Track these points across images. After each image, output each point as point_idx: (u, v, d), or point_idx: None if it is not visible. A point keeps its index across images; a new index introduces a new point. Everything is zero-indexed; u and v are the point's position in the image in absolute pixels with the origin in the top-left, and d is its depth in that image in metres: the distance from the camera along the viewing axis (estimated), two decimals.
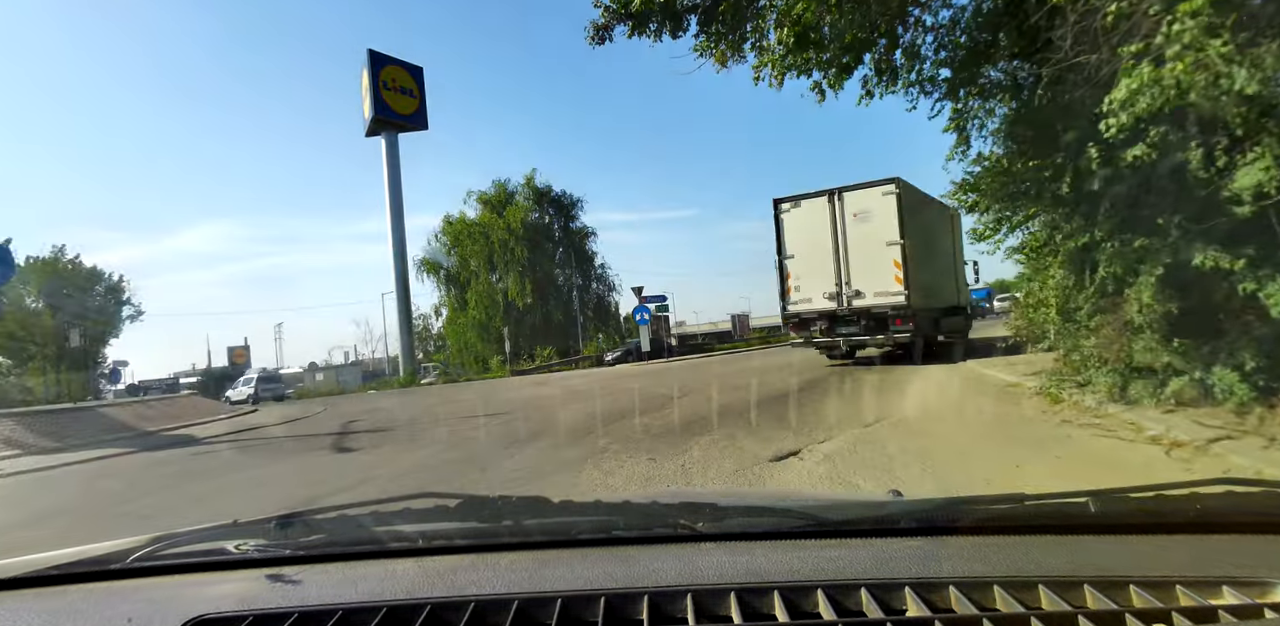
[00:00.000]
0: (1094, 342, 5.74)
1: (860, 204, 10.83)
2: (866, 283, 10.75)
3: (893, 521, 0.95)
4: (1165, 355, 4.83)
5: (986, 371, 8.99)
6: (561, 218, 41.36)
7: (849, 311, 10.93)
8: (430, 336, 47.67)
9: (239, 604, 0.81)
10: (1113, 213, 4.94)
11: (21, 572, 0.96)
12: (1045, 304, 7.04)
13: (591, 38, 6.93)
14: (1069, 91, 5.04)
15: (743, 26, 6.67)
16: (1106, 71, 4.32)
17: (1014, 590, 0.73)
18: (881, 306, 10.59)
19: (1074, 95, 4.96)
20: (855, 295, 10.87)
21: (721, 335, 46.82)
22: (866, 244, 10.69)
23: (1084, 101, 4.81)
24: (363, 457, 6.96)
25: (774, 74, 6.58)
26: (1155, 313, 4.69)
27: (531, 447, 6.19)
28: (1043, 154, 5.80)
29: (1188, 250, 4.24)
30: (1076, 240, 5.51)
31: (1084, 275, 5.70)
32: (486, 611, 0.76)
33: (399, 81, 33.38)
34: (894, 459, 4.43)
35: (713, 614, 0.74)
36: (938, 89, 6.77)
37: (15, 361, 31.04)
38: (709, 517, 0.98)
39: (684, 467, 4.64)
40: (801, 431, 5.53)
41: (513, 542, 0.97)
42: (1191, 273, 4.32)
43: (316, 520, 1.07)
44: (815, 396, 7.93)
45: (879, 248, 10.53)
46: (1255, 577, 0.73)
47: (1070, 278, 6.01)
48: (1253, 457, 3.61)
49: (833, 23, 5.95)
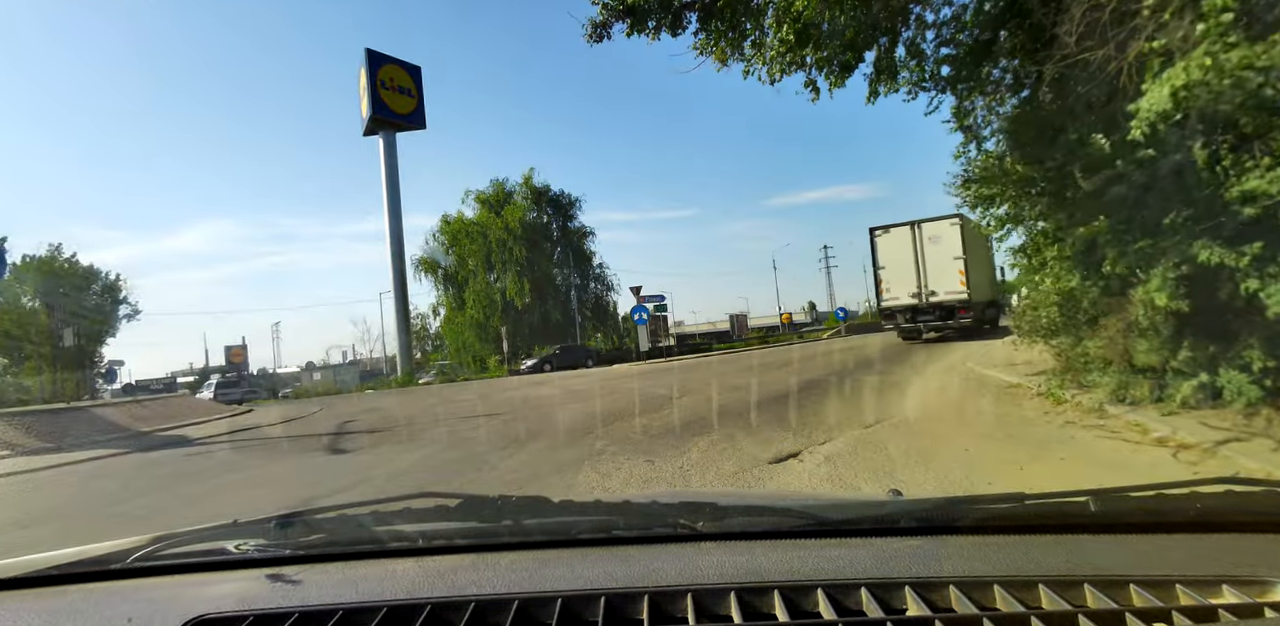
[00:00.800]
0: (1097, 343, 5.69)
1: (933, 231, 15.69)
2: (939, 285, 15.68)
3: (893, 521, 0.95)
4: (1170, 356, 4.77)
5: (988, 372, 8.99)
6: (560, 217, 41.37)
7: (927, 305, 15.89)
8: (428, 336, 47.63)
9: (239, 604, 0.81)
10: (1118, 210, 4.89)
11: (21, 572, 0.96)
12: (1048, 303, 7.03)
13: (590, 35, 6.83)
14: (1075, 88, 5.00)
15: (742, 24, 6.60)
16: (1114, 68, 4.27)
17: (1014, 589, 0.73)
18: (950, 301, 15.54)
19: (1079, 92, 4.92)
20: (931, 294, 15.80)
21: (720, 335, 46.88)
22: (939, 258, 15.64)
23: (1090, 98, 4.76)
24: (360, 458, 6.96)
25: (770, 71, 6.51)
26: (1161, 312, 4.63)
27: (529, 449, 6.19)
28: (1047, 151, 5.73)
29: (1193, 248, 4.19)
30: (1081, 239, 5.45)
31: (1088, 274, 5.66)
32: (486, 611, 0.76)
33: (397, 81, 33.36)
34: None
35: (713, 613, 0.74)
36: (938, 86, 6.71)
37: (11, 360, 30.92)
38: (709, 517, 0.98)
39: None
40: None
41: (513, 542, 0.97)
42: (1198, 272, 4.28)
43: (316, 520, 1.07)
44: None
45: (948, 261, 15.51)
46: (1255, 576, 0.73)
47: (1074, 277, 5.98)
48: (1262, 460, 3.58)
49: (833, 19, 5.90)
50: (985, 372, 9.04)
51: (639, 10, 6.54)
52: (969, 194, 7.31)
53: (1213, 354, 4.54)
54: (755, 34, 6.63)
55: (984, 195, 7.12)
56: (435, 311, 42.84)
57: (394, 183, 33.72)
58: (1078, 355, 6.42)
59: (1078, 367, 6.43)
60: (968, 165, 7.28)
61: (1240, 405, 4.27)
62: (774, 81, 6.60)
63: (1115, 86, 4.31)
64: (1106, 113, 4.62)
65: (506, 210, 39.12)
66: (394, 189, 33.71)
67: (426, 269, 40.25)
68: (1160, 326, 4.79)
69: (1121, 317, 5.19)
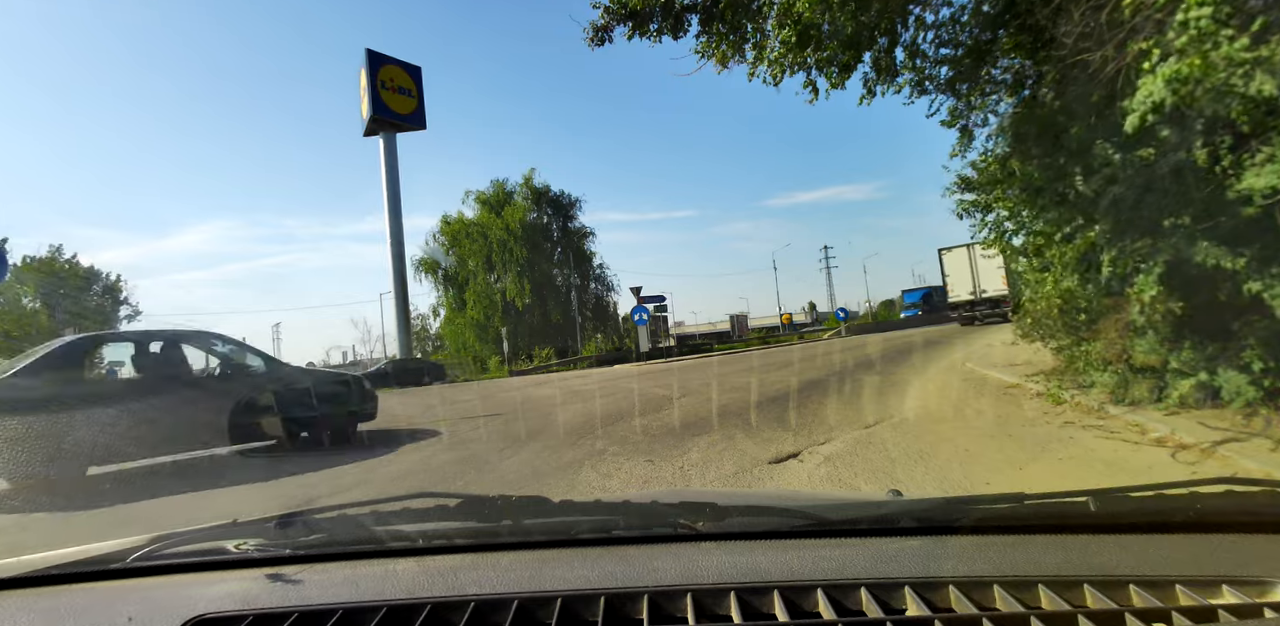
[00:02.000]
0: (1097, 344, 5.68)
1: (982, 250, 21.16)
2: (988, 285, 22.93)
3: (892, 521, 0.95)
4: (1169, 356, 4.77)
5: (988, 372, 9.00)
6: (560, 217, 41.39)
7: (979, 300, 23.38)
8: (429, 336, 47.67)
9: (239, 603, 0.81)
10: (1116, 211, 4.89)
11: (21, 572, 0.96)
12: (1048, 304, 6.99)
13: (591, 39, 6.80)
14: (1075, 89, 4.99)
15: (743, 26, 6.58)
16: (1112, 69, 4.26)
17: (1014, 589, 0.73)
18: (996, 297, 22.64)
19: (1079, 92, 4.92)
20: (982, 292, 23.21)
21: (720, 335, 46.87)
22: (987, 266, 21.92)
23: (1089, 99, 4.75)
24: (358, 458, 6.94)
25: (771, 73, 6.48)
26: (1158, 312, 4.64)
27: (530, 448, 6.19)
28: (1046, 153, 5.73)
29: (1190, 248, 4.18)
30: (1082, 240, 5.45)
31: (1088, 275, 5.66)
32: (486, 611, 0.76)
33: (397, 81, 33.37)
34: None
35: (713, 613, 0.74)
36: (937, 87, 6.70)
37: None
38: (709, 517, 0.98)
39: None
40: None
41: (513, 542, 0.97)
42: (1196, 272, 4.27)
43: (316, 520, 1.07)
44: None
45: (993, 269, 21.35)
46: (1255, 577, 0.73)
47: (1074, 278, 5.98)
48: (1260, 460, 3.58)
49: (833, 20, 5.88)
50: (985, 373, 9.05)
51: (640, 13, 6.51)
52: (965, 203, 7.31)
53: (1210, 354, 4.53)
54: (756, 36, 6.61)
55: (978, 203, 7.13)
56: (436, 312, 42.92)
57: (394, 183, 33.73)
58: (1077, 356, 6.41)
59: (1078, 368, 6.43)
60: (965, 167, 7.29)
61: (1239, 405, 4.27)
62: (776, 83, 6.59)
63: (1115, 88, 4.29)
64: (1106, 114, 4.61)
65: (507, 211, 39.13)
66: (394, 189, 33.71)
67: (427, 269, 40.27)
68: (1158, 326, 4.78)
69: (1120, 318, 5.19)
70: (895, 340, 20.64)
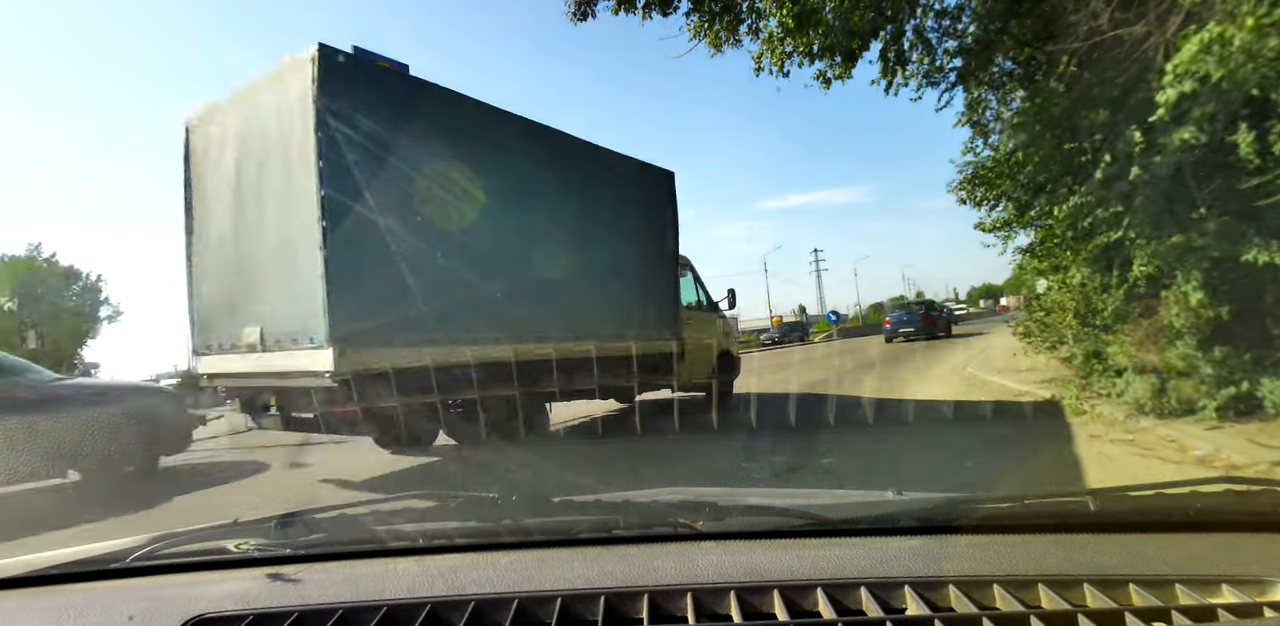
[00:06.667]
0: (1120, 349, 5.29)
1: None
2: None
3: (892, 520, 0.95)
4: (1206, 364, 4.38)
5: (991, 378, 8.86)
6: None
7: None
8: None
9: (239, 603, 0.81)
10: (1148, 204, 4.43)
11: (21, 572, 0.96)
12: (1062, 307, 6.62)
13: (573, 13, 6.37)
14: (1094, 74, 4.69)
15: (738, 5, 6.22)
16: (1153, 42, 3.95)
17: (1014, 589, 0.73)
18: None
19: (1101, 77, 4.63)
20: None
21: None
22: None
23: (1114, 82, 4.45)
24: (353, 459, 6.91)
25: (773, 61, 6.18)
26: (1203, 318, 4.25)
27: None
28: (1063, 141, 5.32)
29: (1234, 245, 3.83)
30: (1105, 236, 4.94)
31: (1111, 275, 5.22)
32: (486, 610, 0.76)
33: None
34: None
35: (712, 613, 0.74)
36: (945, 79, 6.39)
37: None
38: (709, 516, 0.98)
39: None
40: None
41: (513, 541, 0.97)
42: (1238, 272, 3.96)
43: (316, 519, 1.07)
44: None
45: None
46: (1254, 576, 0.73)
47: (1095, 277, 5.54)
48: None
49: (835, 4, 5.59)
50: (989, 379, 8.90)
51: None
52: (974, 197, 7.20)
53: (1249, 361, 4.21)
54: (751, 17, 6.29)
55: (988, 196, 7.02)
56: None
57: None
58: (1095, 362, 6.06)
59: (1096, 375, 6.04)
60: (967, 167, 7.24)
61: None
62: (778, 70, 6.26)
63: (1147, 66, 3.98)
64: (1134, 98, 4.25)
65: None
66: None
67: None
68: (1198, 329, 4.39)
69: (1151, 321, 4.81)
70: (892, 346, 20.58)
